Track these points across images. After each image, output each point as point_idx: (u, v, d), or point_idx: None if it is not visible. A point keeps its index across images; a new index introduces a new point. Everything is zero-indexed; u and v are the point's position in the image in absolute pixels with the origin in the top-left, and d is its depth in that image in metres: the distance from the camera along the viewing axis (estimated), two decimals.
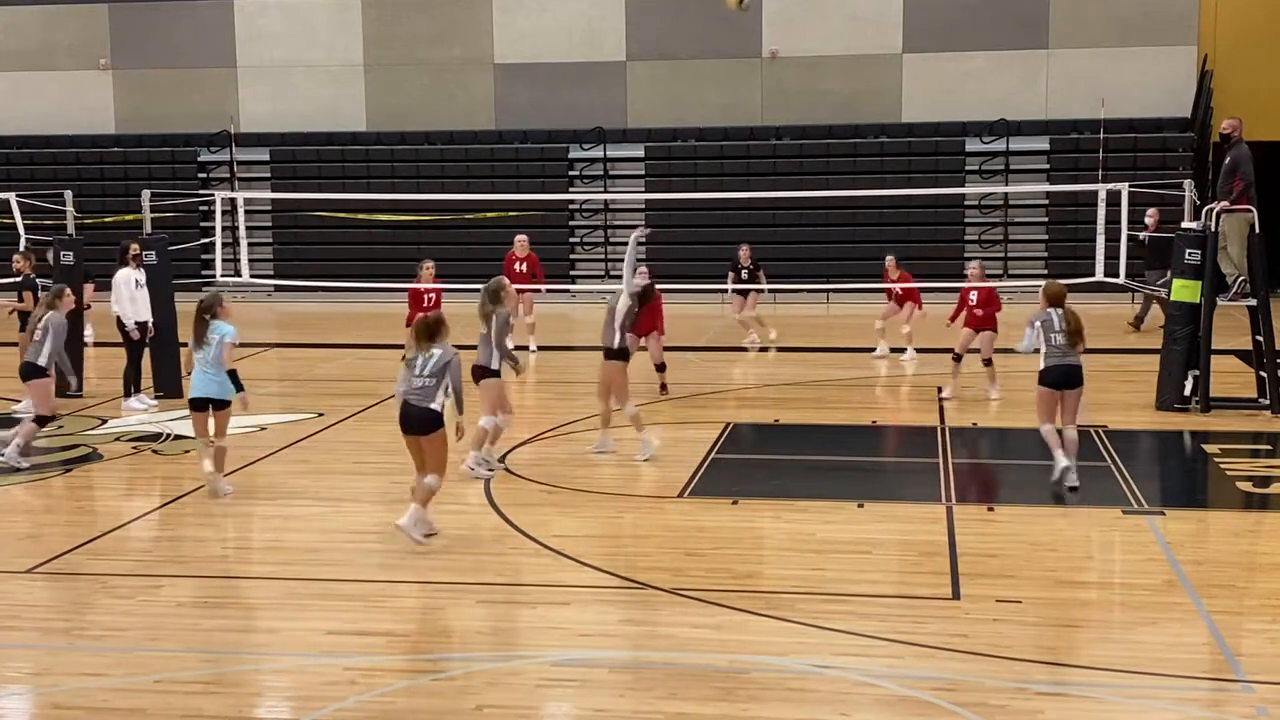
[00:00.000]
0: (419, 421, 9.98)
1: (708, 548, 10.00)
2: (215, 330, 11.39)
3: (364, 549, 10.22)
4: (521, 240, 19.79)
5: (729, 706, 7.13)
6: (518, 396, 15.41)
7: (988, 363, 15.64)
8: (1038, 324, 11.65)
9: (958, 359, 15.68)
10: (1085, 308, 21.41)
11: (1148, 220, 20.34)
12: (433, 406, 9.96)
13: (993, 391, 15.56)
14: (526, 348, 19.17)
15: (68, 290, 13.29)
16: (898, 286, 19.14)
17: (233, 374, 11.50)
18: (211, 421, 11.49)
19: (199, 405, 11.49)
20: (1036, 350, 11.61)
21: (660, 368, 16.41)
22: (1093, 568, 9.81)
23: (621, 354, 12.63)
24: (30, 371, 12.77)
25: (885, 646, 7.95)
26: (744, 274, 20.42)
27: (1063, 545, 9.99)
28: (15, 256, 16.13)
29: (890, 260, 19.37)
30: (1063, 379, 11.51)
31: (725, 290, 20.89)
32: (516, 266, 19.32)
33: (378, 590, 9.19)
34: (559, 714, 7.29)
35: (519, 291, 18.30)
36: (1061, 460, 11.39)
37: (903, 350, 18.64)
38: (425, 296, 17.29)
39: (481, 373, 12.21)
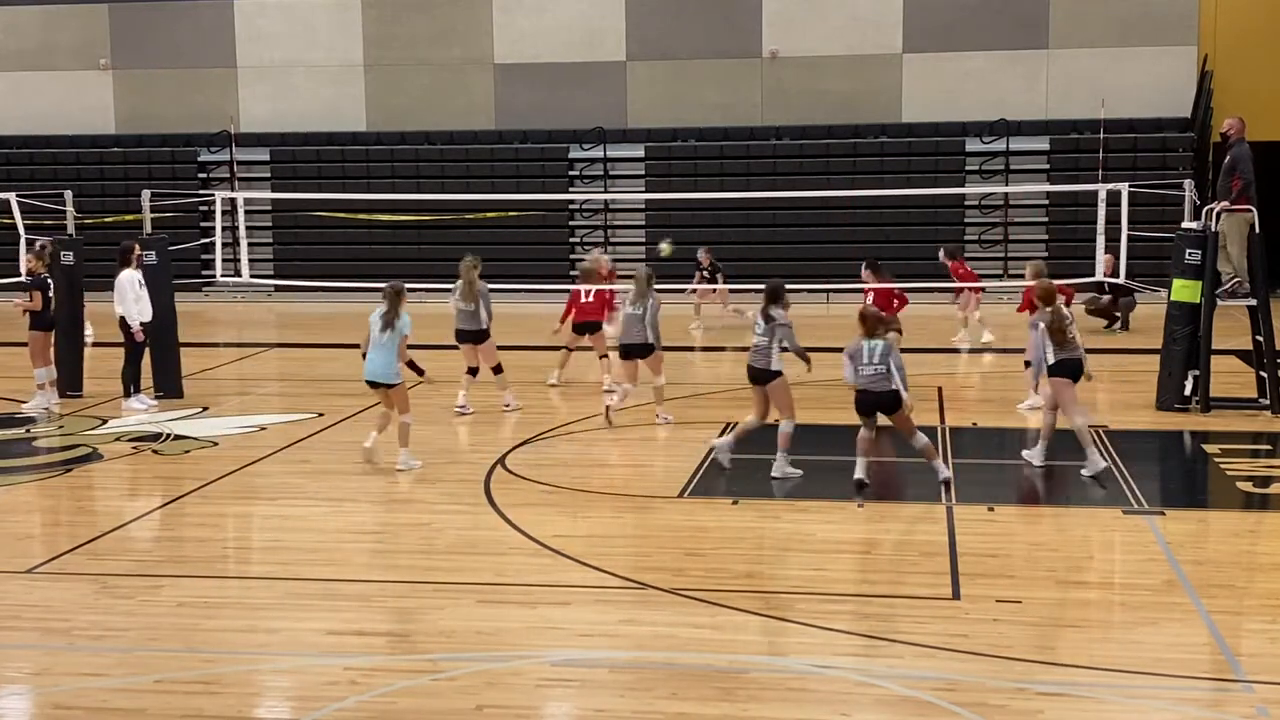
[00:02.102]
0: (887, 404, 11.33)
1: (708, 548, 10.00)
2: (403, 323, 12.37)
3: (364, 549, 10.23)
4: (605, 259, 20.08)
5: (729, 706, 7.13)
6: (522, 396, 15.42)
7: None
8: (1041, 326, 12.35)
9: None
10: (1083, 307, 21.48)
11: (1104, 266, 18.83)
12: (894, 388, 11.28)
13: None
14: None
15: (477, 259, 15.27)
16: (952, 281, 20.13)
17: (411, 363, 12.56)
18: (390, 399, 12.54)
19: (373, 385, 12.57)
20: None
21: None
22: (1093, 568, 9.81)
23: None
24: (480, 336, 14.93)
25: (885, 646, 7.95)
26: (705, 274, 21.46)
27: (1063, 545, 9.99)
28: (27, 256, 16.23)
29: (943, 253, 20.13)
30: (1076, 370, 12.16)
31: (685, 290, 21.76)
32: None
33: (378, 590, 9.19)
34: (559, 714, 7.29)
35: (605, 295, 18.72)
36: (1099, 459, 11.97)
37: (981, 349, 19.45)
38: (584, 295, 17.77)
39: (645, 350, 14.29)
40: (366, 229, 27.76)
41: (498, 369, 15.20)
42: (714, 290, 21.94)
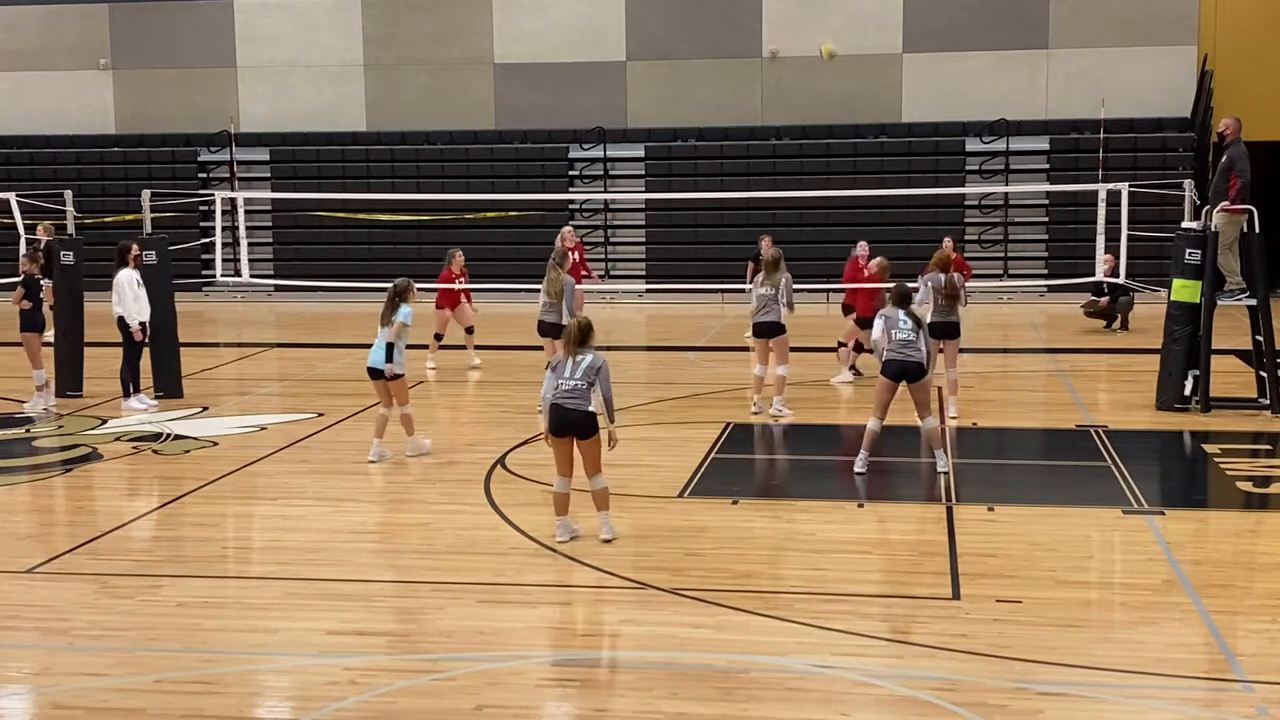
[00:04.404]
0: (578, 424, 9.85)
1: (708, 548, 10.00)
2: (399, 311, 12.63)
3: (364, 549, 10.23)
4: (569, 231, 19.45)
5: (729, 706, 7.13)
6: (521, 396, 15.41)
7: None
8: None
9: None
10: (1077, 308, 21.50)
11: (1105, 266, 19.41)
12: (590, 409, 9.88)
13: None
14: None
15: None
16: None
17: (390, 347, 12.61)
18: (389, 391, 12.77)
19: (374, 374, 12.76)
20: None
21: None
22: (1093, 568, 9.81)
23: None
24: (557, 330, 14.49)
25: (885, 646, 7.95)
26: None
27: (1063, 545, 9.98)
28: (22, 258, 16.30)
29: (948, 242, 19.88)
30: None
31: (724, 290, 20.88)
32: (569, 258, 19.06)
33: (378, 590, 9.19)
34: (559, 714, 7.29)
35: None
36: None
37: None
38: (457, 291, 17.78)
39: (774, 329, 14.45)
40: (366, 229, 27.78)
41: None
42: None
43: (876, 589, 9.21)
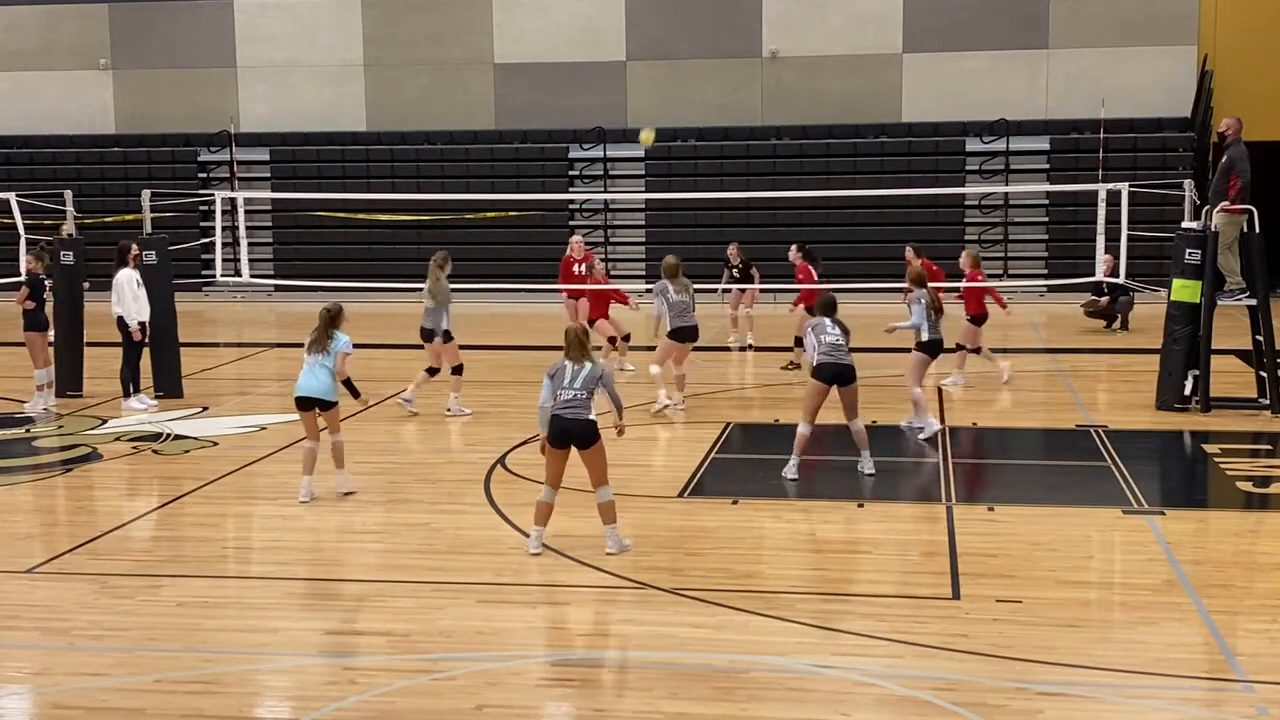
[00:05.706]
0: (579, 434, 9.58)
1: (708, 548, 10.00)
2: (336, 339, 11.45)
3: (364, 549, 10.24)
4: (578, 241, 19.19)
5: (729, 706, 7.13)
6: (522, 397, 15.41)
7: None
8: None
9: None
10: (1077, 307, 21.50)
11: (1104, 266, 19.23)
12: (590, 418, 9.63)
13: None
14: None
15: (449, 257, 15.13)
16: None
17: (347, 382, 11.53)
18: (322, 420, 11.55)
19: (306, 405, 11.45)
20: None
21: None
22: (1093, 568, 9.81)
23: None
24: (426, 335, 14.83)
25: (885, 646, 7.95)
26: (735, 272, 20.46)
27: (1063, 545, 9.99)
28: (28, 257, 16.33)
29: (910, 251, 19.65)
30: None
31: (715, 290, 20.77)
32: (576, 269, 18.95)
33: (378, 590, 9.19)
34: (559, 714, 7.29)
35: (578, 294, 18.14)
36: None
37: None
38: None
39: (696, 334, 15.12)
40: (366, 229, 27.77)
41: (457, 369, 15.00)
42: (743, 291, 20.38)
43: (876, 589, 9.21)
